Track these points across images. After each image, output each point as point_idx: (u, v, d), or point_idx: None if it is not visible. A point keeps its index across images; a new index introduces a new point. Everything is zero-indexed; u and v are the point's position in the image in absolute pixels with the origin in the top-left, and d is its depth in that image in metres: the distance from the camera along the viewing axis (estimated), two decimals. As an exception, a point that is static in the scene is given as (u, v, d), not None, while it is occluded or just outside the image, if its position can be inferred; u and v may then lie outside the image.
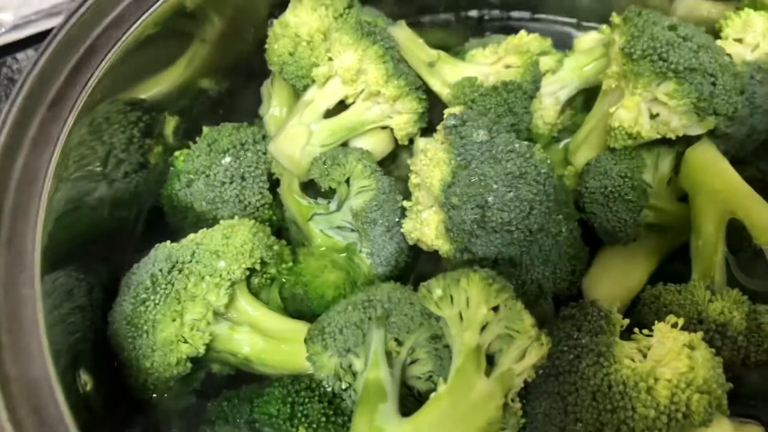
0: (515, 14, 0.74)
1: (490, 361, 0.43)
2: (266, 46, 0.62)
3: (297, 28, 0.60)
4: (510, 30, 0.72)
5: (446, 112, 0.51)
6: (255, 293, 0.55)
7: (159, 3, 0.55)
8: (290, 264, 0.57)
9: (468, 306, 0.42)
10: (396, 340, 0.44)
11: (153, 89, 0.62)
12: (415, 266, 0.58)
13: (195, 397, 0.55)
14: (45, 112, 0.48)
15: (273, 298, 0.57)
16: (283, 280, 0.57)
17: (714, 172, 0.55)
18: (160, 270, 0.51)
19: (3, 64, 0.92)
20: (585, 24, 0.74)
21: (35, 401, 0.37)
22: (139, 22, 0.54)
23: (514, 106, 0.56)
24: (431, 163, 0.49)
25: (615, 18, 0.58)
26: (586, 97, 0.66)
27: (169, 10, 0.56)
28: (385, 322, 0.44)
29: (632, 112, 0.53)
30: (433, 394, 0.41)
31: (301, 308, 0.57)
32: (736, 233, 0.54)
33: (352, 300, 0.46)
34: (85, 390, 0.46)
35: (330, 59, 0.59)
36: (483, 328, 0.42)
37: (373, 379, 0.43)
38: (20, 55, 0.93)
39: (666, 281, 0.54)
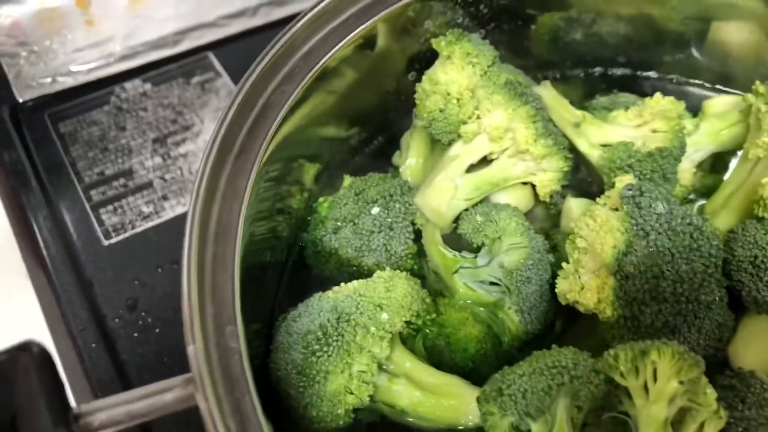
0: (639, 73, 0.76)
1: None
2: (416, 101, 0.64)
3: (447, 85, 0.62)
4: (632, 88, 0.74)
5: (620, 179, 0.52)
6: (407, 348, 0.56)
7: (325, 59, 0.57)
8: (434, 315, 0.59)
9: (655, 378, 0.43)
10: (577, 407, 0.45)
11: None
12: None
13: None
14: (231, 166, 0.50)
15: (418, 349, 0.58)
16: (427, 331, 0.59)
17: None
18: (329, 321, 0.52)
19: (111, 93, 0.95)
20: (707, 85, 0.75)
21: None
22: (307, 77, 0.56)
23: (667, 173, 0.57)
24: (602, 229, 0.50)
25: (759, 87, 0.60)
26: (713, 158, 0.68)
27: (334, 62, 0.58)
28: (572, 390, 0.45)
29: None
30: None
31: (441, 359, 0.58)
32: None
33: (535, 364, 0.47)
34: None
35: (478, 117, 0.60)
36: (671, 402, 0.43)
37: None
38: (128, 85, 0.97)
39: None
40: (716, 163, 0.68)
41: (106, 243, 0.83)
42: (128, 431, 0.39)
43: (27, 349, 0.36)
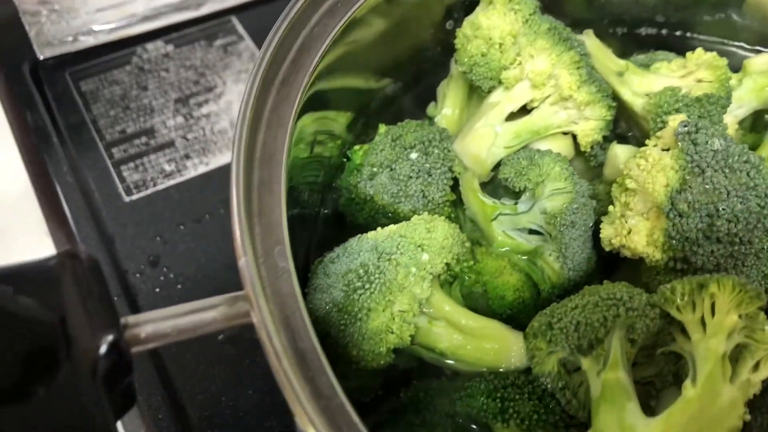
0: (676, 33, 0.75)
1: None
2: (456, 46, 0.63)
3: (489, 30, 0.60)
4: (668, 48, 0.72)
5: (673, 118, 0.51)
6: (446, 292, 0.55)
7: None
8: (471, 262, 0.58)
9: (713, 312, 0.42)
10: (631, 340, 0.44)
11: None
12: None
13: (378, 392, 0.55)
14: (276, 94, 0.48)
15: (455, 296, 0.57)
16: (465, 278, 0.57)
17: None
18: (369, 260, 0.51)
19: (134, 54, 0.94)
20: (746, 46, 0.74)
21: (307, 370, 0.37)
22: (349, 13, 0.54)
23: (714, 120, 0.56)
24: (654, 168, 0.49)
25: None
26: (754, 117, 0.67)
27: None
28: (627, 322, 0.43)
29: None
30: (680, 397, 0.41)
31: (477, 307, 0.57)
32: None
33: (588, 297, 0.46)
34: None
35: (520, 63, 0.59)
36: (729, 336, 0.42)
37: (614, 378, 0.42)
38: (150, 46, 0.96)
39: None
40: (757, 123, 0.67)
41: (127, 199, 0.82)
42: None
43: (76, 256, 0.35)
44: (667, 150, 0.49)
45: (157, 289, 0.75)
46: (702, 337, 0.42)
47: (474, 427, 0.48)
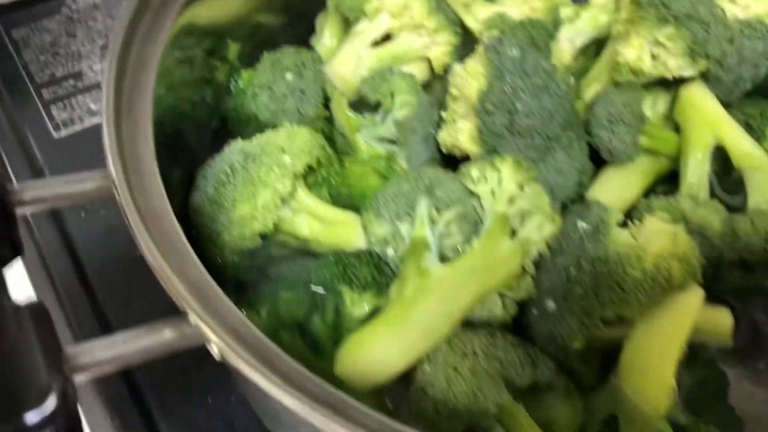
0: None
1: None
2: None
3: (353, -32, 0.70)
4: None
5: (485, 34, 0.61)
6: (311, 189, 0.65)
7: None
8: (338, 168, 0.67)
9: (500, 183, 0.53)
10: (437, 209, 0.54)
11: (214, 18, 0.71)
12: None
13: (256, 274, 0.65)
14: (154, 14, 0.57)
15: (323, 196, 0.67)
16: (332, 181, 0.67)
17: (702, 106, 0.66)
18: (237, 160, 0.61)
19: (63, 4, 1.02)
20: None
21: (161, 226, 0.46)
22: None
23: (537, 42, 0.66)
24: (469, 76, 0.59)
25: None
26: (597, 47, 0.76)
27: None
28: (432, 192, 0.53)
29: (637, 50, 0.64)
30: (469, 247, 0.52)
31: (346, 205, 0.67)
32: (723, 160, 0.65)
33: (402, 178, 0.56)
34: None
35: (380, -4, 0.69)
36: (511, 202, 0.53)
37: (419, 236, 0.53)
38: (79, -4, 1.03)
39: (659, 197, 0.65)
40: (601, 51, 0.77)
41: (56, 136, 0.91)
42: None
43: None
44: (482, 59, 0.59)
45: (83, 214, 0.84)
46: (490, 204, 0.53)
47: (322, 290, 0.59)
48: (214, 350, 0.41)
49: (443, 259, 0.53)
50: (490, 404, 0.48)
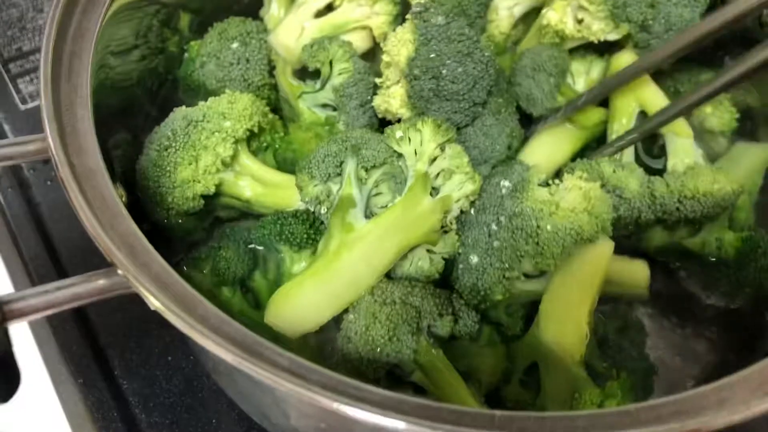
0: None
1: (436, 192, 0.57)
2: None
3: (295, -60, 0.72)
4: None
5: (414, 2, 0.63)
6: (254, 154, 0.68)
7: None
8: (282, 134, 0.70)
9: (421, 144, 0.56)
10: (365, 169, 0.57)
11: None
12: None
13: (204, 234, 0.68)
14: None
15: (268, 160, 0.70)
16: (277, 146, 0.70)
17: None
18: (179, 126, 0.64)
19: (29, -22, 1.04)
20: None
21: (94, 183, 0.49)
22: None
23: (467, 9, 0.68)
24: (399, 43, 0.62)
25: None
26: (537, 15, 0.79)
27: None
28: (358, 152, 0.56)
29: (559, 13, 0.66)
30: (390, 204, 0.55)
31: (291, 169, 0.70)
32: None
33: (332, 137, 0.59)
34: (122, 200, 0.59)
35: (322, -32, 0.71)
36: (432, 162, 0.56)
37: (346, 194, 0.56)
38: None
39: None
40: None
41: (22, 108, 0.94)
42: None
43: None
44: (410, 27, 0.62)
45: (49, 182, 0.87)
46: (413, 163, 0.56)
47: (261, 248, 0.62)
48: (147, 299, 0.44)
49: (373, 216, 0.57)
50: (405, 348, 0.51)
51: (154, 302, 0.43)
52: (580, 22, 0.67)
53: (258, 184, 0.66)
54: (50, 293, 0.44)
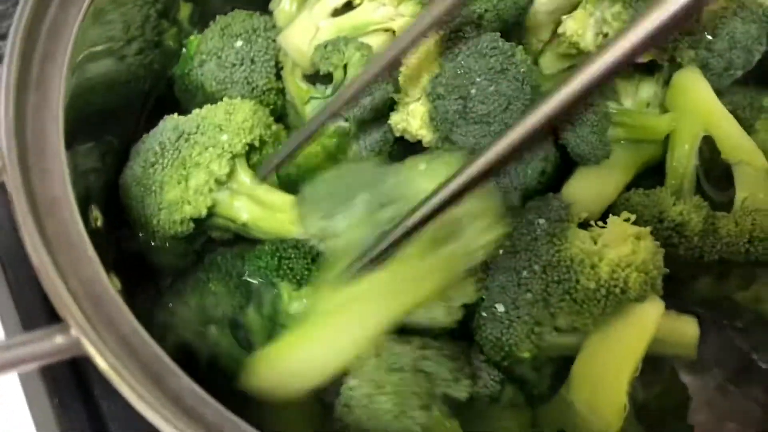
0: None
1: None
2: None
3: (312, -71, 0.63)
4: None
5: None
6: (253, 169, 0.60)
7: None
8: (287, 147, 0.62)
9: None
10: (379, 205, 0.49)
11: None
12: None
13: (195, 257, 0.61)
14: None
15: (269, 176, 0.62)
16: (280, 160, 0.62)
17: (694, 93, 0.60)
18: (168, 138, 0.56)
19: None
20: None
21: (58, 217, 0.42)
22: None
23: (503, 14, 0.59)
24: (421, 56, 0.53)
25: None
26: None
27: None
28: (371, 190, 0.48)
29: (578, 24, 0.57)
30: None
31: (294, 185, 0.62)
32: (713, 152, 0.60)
33: (341, 170, 0.51)
34: (96, 224, 0.52)
35: (342, -40, 0.62)
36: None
37: (351, 237, 0.48)
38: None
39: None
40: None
41: None
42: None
43: None
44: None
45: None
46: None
47: (257, 281, 0.54)
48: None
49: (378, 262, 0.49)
50: (413, 425, 0.44)
51: (113, 378, 0.35)
52: (604, 36, 0.58)
53: (256, 206, 0.58)
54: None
